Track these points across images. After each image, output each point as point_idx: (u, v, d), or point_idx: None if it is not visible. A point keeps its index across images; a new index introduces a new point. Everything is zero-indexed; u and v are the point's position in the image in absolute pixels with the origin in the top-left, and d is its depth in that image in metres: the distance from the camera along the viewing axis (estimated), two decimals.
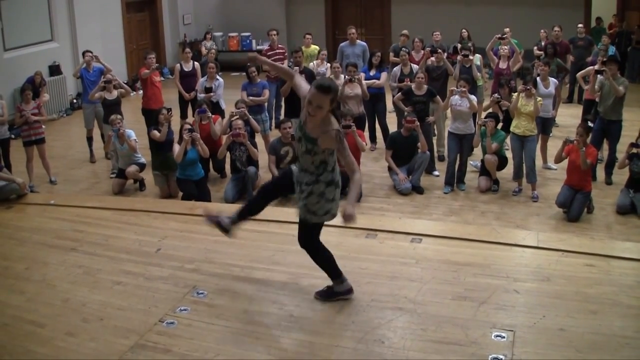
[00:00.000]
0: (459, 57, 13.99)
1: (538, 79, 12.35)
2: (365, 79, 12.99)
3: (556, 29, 16.31)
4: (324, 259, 6.15)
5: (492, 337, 5.62)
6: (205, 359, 5.43)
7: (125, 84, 14.53)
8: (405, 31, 16.53)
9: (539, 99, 11.29)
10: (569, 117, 15.07)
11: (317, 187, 5.74)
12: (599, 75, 11.78)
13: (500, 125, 11.74)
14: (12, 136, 13.11)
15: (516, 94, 11.38)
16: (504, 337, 5.60)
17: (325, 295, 6.25)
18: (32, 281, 6.96)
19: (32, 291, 6.73)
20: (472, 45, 14.99)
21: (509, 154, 11.75)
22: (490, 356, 5.35)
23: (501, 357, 5.33)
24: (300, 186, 5.85)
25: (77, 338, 5.81)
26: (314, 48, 15.80)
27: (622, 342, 5.51)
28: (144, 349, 5.59)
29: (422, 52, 14.66)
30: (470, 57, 13.67)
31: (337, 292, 6.19)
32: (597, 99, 12.00)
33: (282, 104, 13.86)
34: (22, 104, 12.10)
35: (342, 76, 12.92)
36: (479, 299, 6.25)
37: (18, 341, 5.79)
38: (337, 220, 5.69)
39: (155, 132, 11.75)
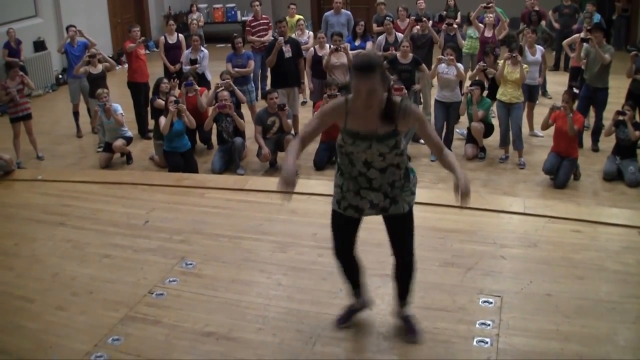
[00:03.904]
0: (443, 26, 14.01)
1: (525, 46, 12.35)
2: (351, 49, 12.94)
3: None
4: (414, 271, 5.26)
5: (480, 303, 5.67)
6: (194, 329, 5.46)
7: (110, 57, 14.46)
8: (381, 0, 16.42)
9: (525, 66, 11.29)
10: (555, 85, 15.05)
11: (410, 171, 5.05)
12: (584, 43, 11.78)
13: (485, 93, 11.76)
14: None
15: (502, 61, 11.38)
16: (491, 303, 5.65)
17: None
18: (21, 257, 6.98)
19: (21, 267, 6.75)
20: (457, 13, 15.01)
21: (495, 122, 11.77)
22: (477, 322, 5.39)
23: (488, 322, 5.37)
24: (391, 185, 4.92)
25: (67, 312, 5.84)
26: (298, 18, 15.72)
27: (608, 307, 5.57)
28: (133, 321, 5.63)
29: (407, 20, 14.63)
30: (454, 26, 13.71)
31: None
32: (583, 67, 12.01)
33: (268, 74, 13.81)
34: (7, 80, 11.98)
35: (328, 46, 12.90)
36: (466, 265, 6.30)
37: (8, 317, 5.80)
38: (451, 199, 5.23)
39: (160, 101, 11.78)
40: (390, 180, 4.90)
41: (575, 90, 11.44)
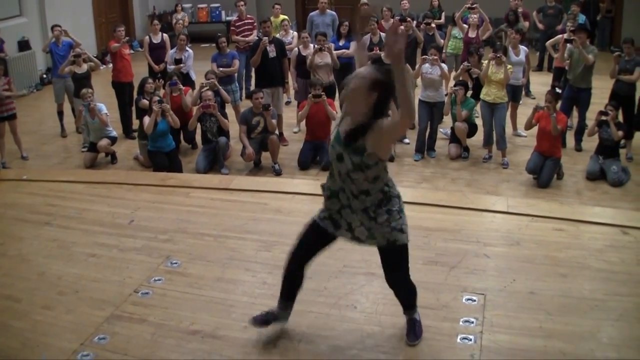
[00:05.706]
0: (422, 25, 14.13)
1: (509, 46, 12.41)
2: (335, 49, 12.97)
3: None
4: (413, 291, 5.14)
5: (463, 301, 5.71)
6: (180, 328, 5.49)
7: (94, 57, 14.45)
8: (365, 0, 16.48)
9: (509, 66, 11.35)
10: (538, 85, 15.11)
11: (390, 201, 4.63)
12: (568, 44, 11.85)
13: (470, 93, 11.81)
14: None
15: (486, 61, 11.43)
16: (474, 301, 5.69)
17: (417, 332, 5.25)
18: (7, 256, 6.97)
19: (7, 266, 6.74)
20: (441, 13, 15.08)
21: (478, 122, 11.82)
22: (461, 319, 5.43)
23: (472, 320, 5.41)
24: (365, 213, 4.63)
25: (54, 311, 5.84)
26: (283, 18, 15.75)
27: (591, 305, 5.61)
28: (119, 320, 5.64)
29: (392, 20, 14.66)
30: (433, 25, 13.90)
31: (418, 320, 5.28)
32: (566, 67, 12.08)
33: (252, 74, 13.84)
34: None
35: (312, 45, 12.93)
36: (450, 263, 6.34)
37: None
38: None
39: (145, 101, 11.78)
40: (362, 206, 4.62)
41: (558, 90, 11.50)
